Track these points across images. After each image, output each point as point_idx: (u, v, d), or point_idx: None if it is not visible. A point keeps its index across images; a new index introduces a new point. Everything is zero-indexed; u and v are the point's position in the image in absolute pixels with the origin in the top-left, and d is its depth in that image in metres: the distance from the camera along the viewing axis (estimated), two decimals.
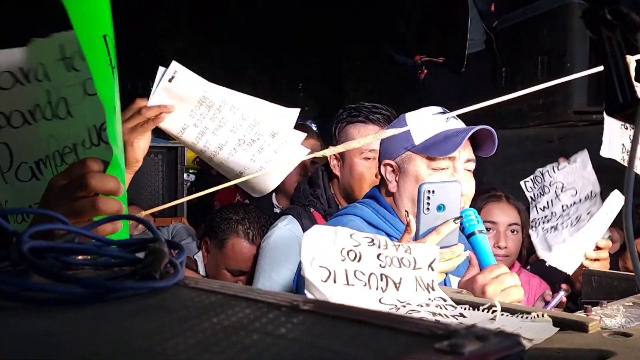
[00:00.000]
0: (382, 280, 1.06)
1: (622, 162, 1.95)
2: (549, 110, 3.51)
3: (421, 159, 1.70)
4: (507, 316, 1.04)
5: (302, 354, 0.44)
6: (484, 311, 1.07)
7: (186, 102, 1.51)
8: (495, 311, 1.04)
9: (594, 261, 1.90)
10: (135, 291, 0.62)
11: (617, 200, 1.92)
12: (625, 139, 1.96)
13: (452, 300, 1.10)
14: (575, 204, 2.11)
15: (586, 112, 3.42)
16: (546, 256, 1.93)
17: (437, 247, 1.17)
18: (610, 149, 1.93)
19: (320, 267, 1.01)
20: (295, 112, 1.62)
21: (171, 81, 1.48)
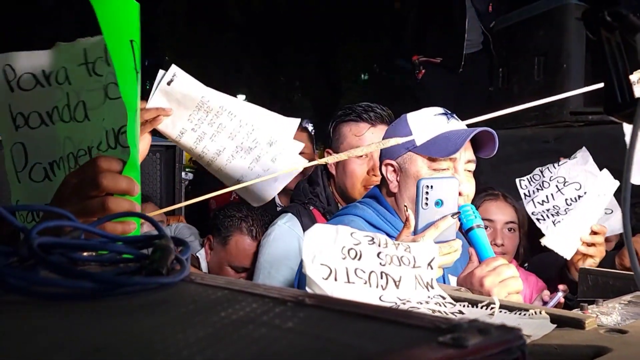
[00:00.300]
0: (382, 278, 1.07)
1: None
2: (545, 110, 3.52)
3: (422, 159, 1.71)
4: (506, 313, 1.05)
5: (309, 346, 0.46)
6: (482, 308, 1.08)
7: (184, 106, 1.52)
8: (493, 308, 1.06)
9: (590, 246, 1.92)
10: (143, 286, 0.63)
11: (608, 181, 1.93)
12: None
13: (451, 297, 1.12)
14: (580, 197, 2.13)
15: (582, 113, 3.44)
16: (546, 240, 1.93)
17: (436, 246, 1.18)
18: (638, 174, 1.90)
19: (321, 265, 1.03)
20: (295, 123, 1.61)
21: (170, 84, 1.50)
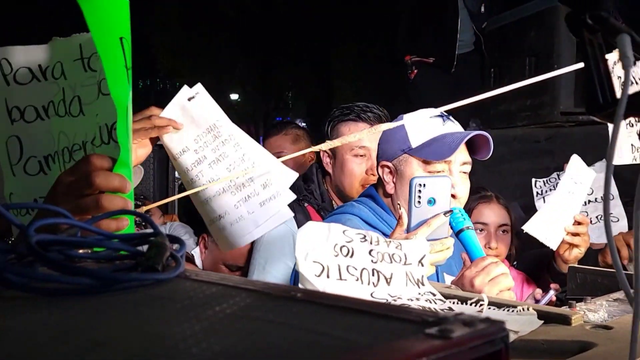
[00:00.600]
0: (373, 275, 1.09)
1: (634, 162, 1.95)
2: (536, 111, 3.55)
3: (417, 161, 1.73)
4: (494, 309, 1.07)
5: (301, 339, 0.47)
6: (471, 305, 1.10)
7: (195, 125, 1.52)
8: (482, 305, 1.08)
9: (574, 236, 1.95)
10: (139, 282, 0.64)
11: (580, 166, 1.95)
12: (633, 138, 1.96)
13: (441, 294, 1.14)
14: (591, 202, 2.16)
15: (573, 113, 3.47)
16: (527, 227, 1.96)
17: (427, 244, 1.20)
18: (619, 155, 1.93)
19: (314, 262, 1.05)
20: (293, 175, 1.57)
21: (190, 100, 1.50)
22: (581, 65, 1.69)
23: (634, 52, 0.72)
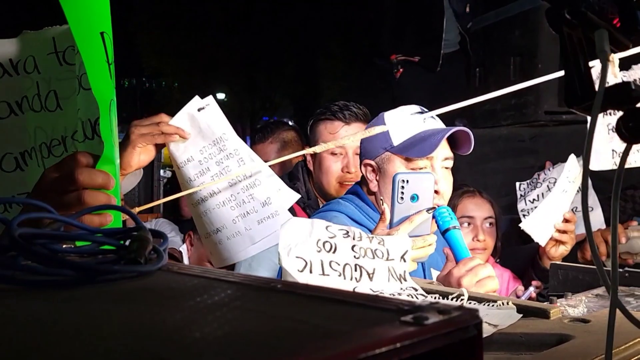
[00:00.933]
0: (356, 270, 1.11)
1: (614, 167, 1.94)
2: (520, 110, 3.58)
3: (400, 159, 1.74)
4: (474, 304, 1.09)
5: (279, 326, 0.48)
6: (452, 300, 1.12)
7: (202, 136, 1.53)
8: (463, 299, 1.10)
9: (563, 233, 1.97)
10: (122, 274, 0.65)
11: (576, 166, 1.98)
12: (615, 143, 1.94)
13: (423, 290, 1.15)
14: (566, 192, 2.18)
15: (556, 112, 3.50)
16: (524, 224, 1.98)
17: (410, 240, 1.22)
18: (598, 161, 1.94)
19: (296, 257, 1.06)
20: (295, 197, 1.59)
21: (200, 111, 1.52)
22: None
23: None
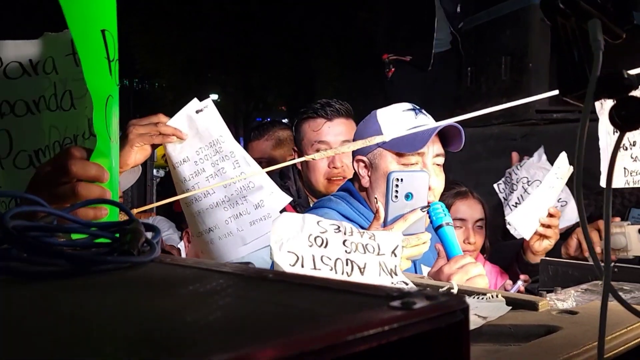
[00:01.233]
0: (347, 265, 1.12)
1: (626, 186, 1.94)
2: (512, 109, 3.61)
3: (391, 155, 1.76)
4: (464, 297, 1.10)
5: (270, 311, 0.49)
6: None
7: (199, 138, 1.56)
8: (453, 292, 1.11)
9: (547, 228, 1.99)
10: (116, 265, 0.66)
11: (565, 163, 2.00)
12: (626, 161, 1.93)
13: (414, 284, 1.17)
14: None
15: (547, 111, 3.53)
16: (510, 218, 2.00)
17: (400, 235, 1.23)
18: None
19: (288, 252, 1.07)
20: (286, 200, 1.62)
21: (198, 113, 1.55)
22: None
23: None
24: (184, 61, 18.78)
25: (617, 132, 2.03)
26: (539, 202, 1.99)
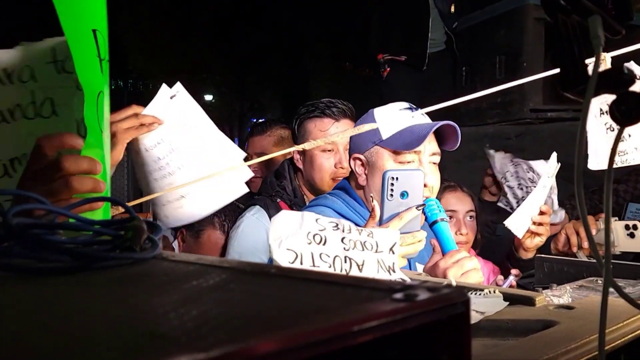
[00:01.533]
0: (346, 262, 1.12)
1: (616, 166, 1.96)
2: (506, 108, 3.63)
3: (388, 153, 1.77)
4: None
5: (274, 304, 0.50)
6: None
7: (174, 120, 1.60)
8: None
9: (539, 225, 2.01)
10: (118, 261, 0.66)
11: (555, 163, 2.02)
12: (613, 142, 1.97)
13: (412, 280, 1.18)
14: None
15: (541, 110, 3.55)
16: (508, 222, 2.02)
17: (398, 232, 1.24)
18: (598, 161, 1.96)
19: (287, 249, 1.07)
20: (249, 174, 1.71)
21: (172, 99, 1.60)
22: (554, 72, 1.74)
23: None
24: (178, 61, 18.75)
25: (604, 115, 2.05)
26: (532, 202, 2.01)
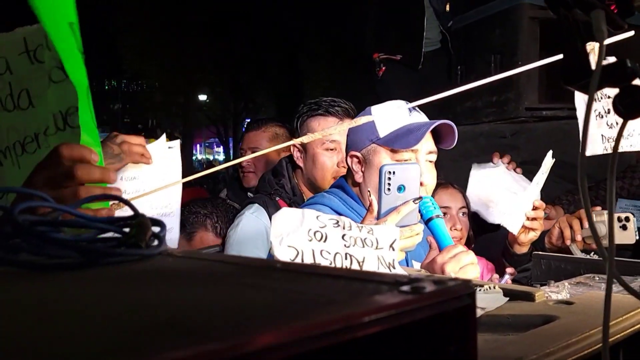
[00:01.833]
0: (346, 259, 1.13)
1: (604, 152, 1.99)
2: (501, 106, 3.63)
3: (385, 151, 1.77)
4: None
5: (282, 297, 0.51)
6: None
7: (156, 167, 1.61)
8: None
9: (533, 220, 2.02)
10: (125, 257, 0.67)
11: (550, 160, 2.04)
12: (603, 129, 2.00)
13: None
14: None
15: (537, 109, 3.56)
16: (503, 221, 2.03)
17: (398, 229, 1.25)
18: (589, 146, 1.98)
19: (288, 246, 1.08)
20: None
21: (170, 149, 1.63)
22: (545, 61, 1.75)
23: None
24: (173, 62, 18.72)
25: (595, 102, 2.06)
26: (526, 198, 2.03)
